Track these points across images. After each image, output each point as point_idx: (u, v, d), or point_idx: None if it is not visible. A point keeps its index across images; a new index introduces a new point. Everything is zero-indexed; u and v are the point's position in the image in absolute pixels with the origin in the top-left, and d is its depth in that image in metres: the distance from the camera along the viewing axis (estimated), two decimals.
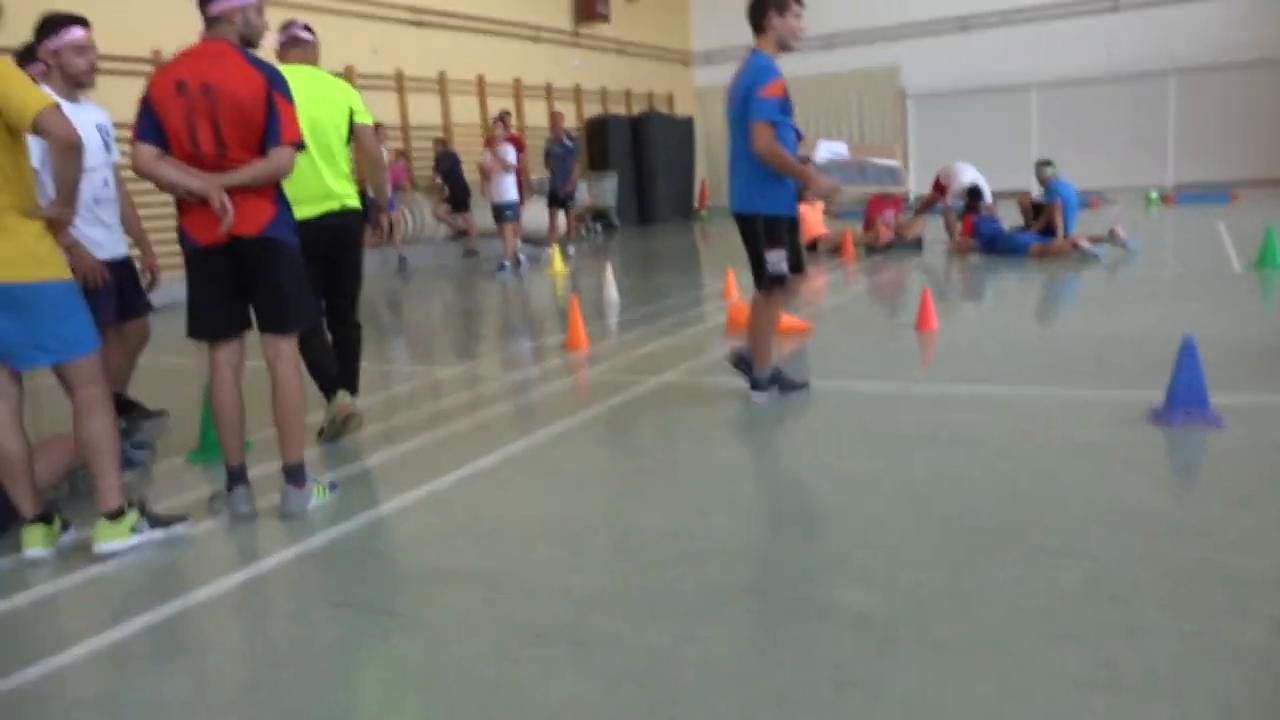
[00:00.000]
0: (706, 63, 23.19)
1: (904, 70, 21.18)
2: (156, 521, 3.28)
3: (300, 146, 3.39)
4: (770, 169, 4.36)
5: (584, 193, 16.94)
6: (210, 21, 3.35)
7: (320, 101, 4.25)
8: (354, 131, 4.45)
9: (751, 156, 4.37)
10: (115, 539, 3.15)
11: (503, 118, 12.41)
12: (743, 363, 4.76)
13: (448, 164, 13.94)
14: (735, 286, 8.37)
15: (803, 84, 21.93)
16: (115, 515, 3.16)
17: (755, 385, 4.68)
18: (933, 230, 11.69)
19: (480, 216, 13.59)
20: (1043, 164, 10.24)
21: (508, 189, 11.79)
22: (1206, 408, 3.84)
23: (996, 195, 16.55)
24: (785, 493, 3.42)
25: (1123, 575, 2.58)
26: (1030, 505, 3.15)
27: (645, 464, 3.92)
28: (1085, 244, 9.21)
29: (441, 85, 15.58)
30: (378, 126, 6.53)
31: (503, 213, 11.81)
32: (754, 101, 4.29)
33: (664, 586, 2.70)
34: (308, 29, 4.46)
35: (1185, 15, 18.46)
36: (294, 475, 3.50)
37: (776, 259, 4.50)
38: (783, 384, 4.70)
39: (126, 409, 4.64)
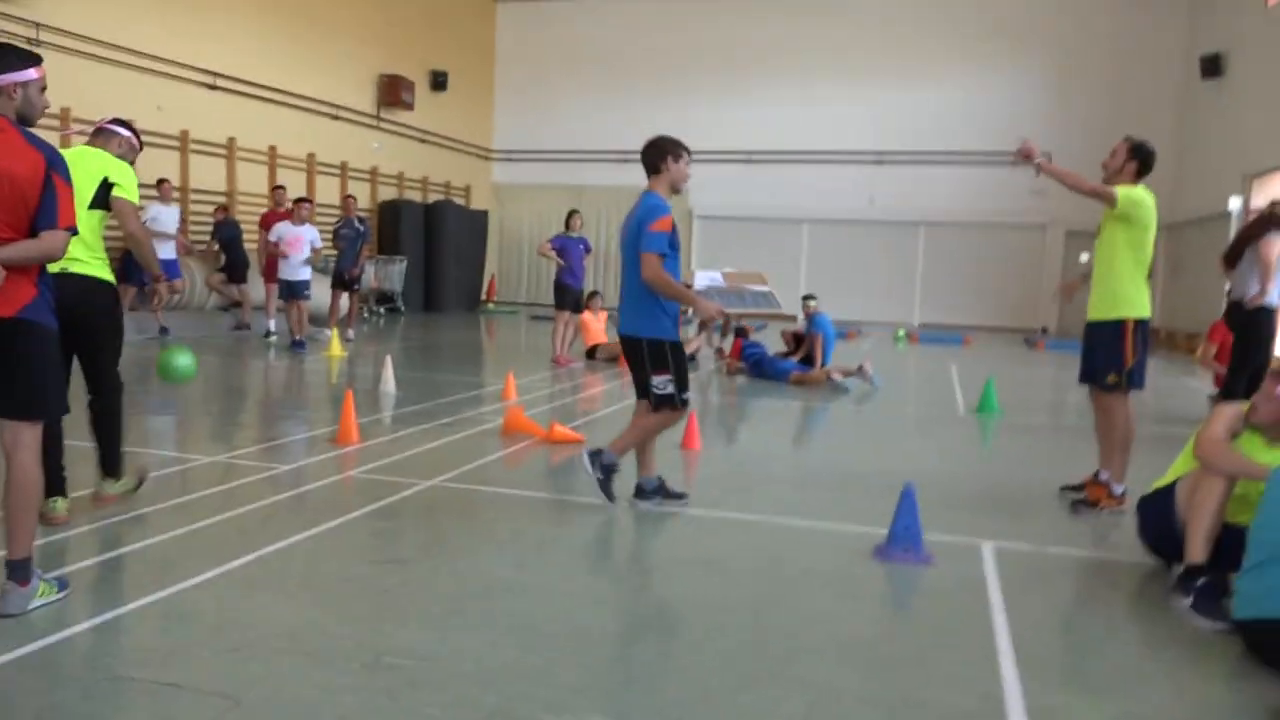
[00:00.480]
0: (507, 160, 23.70)
1: (692, 191, 22.50)
2: None
3: (74, 232, 3.27)
4: (658, 296, 4.76)
5: (371, 275, 16.73)
6: None
7: (72, 167, 4.16)
8: (112, 205, 4.37)
9: (641, 284, 4.77)
10: None
11: (278, 190, 12.68)
12: (595, 462, 5.00)
13: (228, 232, 13.44)
14: (514, 388, 8.51)
15: (597, 192, 22.91)
16: None
17: (596, 462, 4.97)
18: (707, 349, 12.37)
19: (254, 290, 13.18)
20: (807, 298, 11.15)
21: (305, 269, 11.78)
22: (919, 547, 4.31)
23: (765, 318, 17.70)
24: (541, 610, 3.52)
25: (840, 707, 2.85)
26: (769, 633, 3.41)
27: (407, 575, 3.91)
28: (838, 377, 10.07)
29: (230, 151, 15.08)
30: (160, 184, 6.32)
31: (300, 290, 11.70)
32: (645, 235, 4.71)
33: (412, 710, 2.71)
34: (125, 126, 4.47)
35: (937, 175, 20.76)
36: (19, 571, 3.26)
37: (662, 382, 4.86)
38: (665, 494, 5.07)
39: None
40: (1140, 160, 5.29)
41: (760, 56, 21.88)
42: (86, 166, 4.30)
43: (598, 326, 12.16)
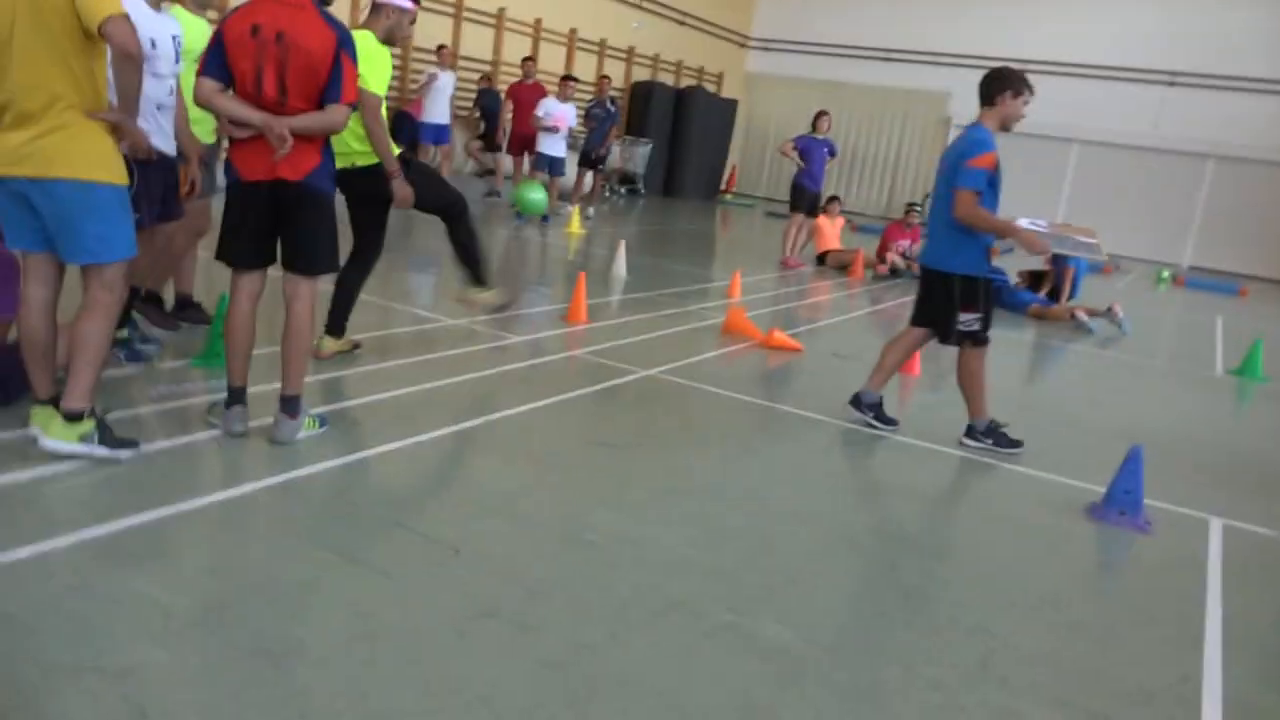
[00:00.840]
0: (764, 49, 23.19)
1: (953, 98, 21.24)
2: (106, 439, 3.32)
3: (354, 107, 3.59)
4: (969, 232, 4.65)
5: (616, 156, 17.07)
6: None
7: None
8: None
9: (952, 220, 4.65)
10: (62, 439, 3.27)
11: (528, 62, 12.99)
12: (860, 403, 5.05)
13: (488, 101, 14.04)
14: (739, 287, 8.59)
15: (853, 91, 22.06)
16: (73, 417, 3.28)
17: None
18: None
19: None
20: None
21: (564, 145, 12.17)
22: (1139, 514, 4.10)
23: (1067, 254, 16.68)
24: (736, 515, 3.67)
25: (1016, 661, 2.84)
26: (956, 574, 3.40)
27: (612, 460, 4.16)
28: (1083, 316, 9.44)
29: (499, 21, 15.62)
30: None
31: (560, 167, 12.21)
32: (963, 170, 4.58)
33: (606, 587, 2.95)
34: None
35: (1235, 103, 18.51)
36: (290, 406, 3.73)
37: (969, 319, 4.78)
38: (997, 439, 4.91)
39: (156, 304, 4.93)
40: None
41: None
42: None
43: (832, 232, 11.93)
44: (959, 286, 4.75)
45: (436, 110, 12.64)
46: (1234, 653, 3.06)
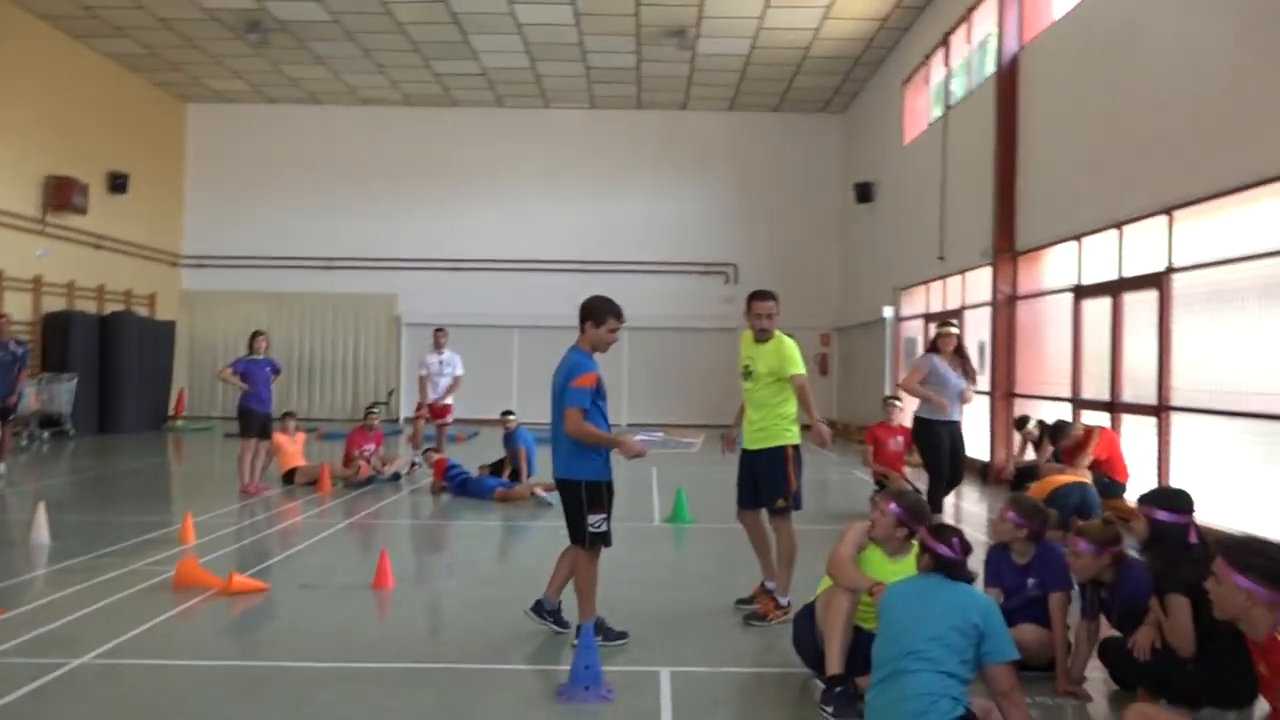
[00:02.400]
0: (198, 266, 22.37)
1: (401, 298, 22.31)
2: None
3: None
4: (584, 444, 5.07)
5: (31, 396, 15.01)
6: None
7: None
8: None
9: (566, 434, 5.06)
10: None
11: None
12: (542, 610, 5.40)
13: None
14: (193, 529, 7.92)
15: (302, 301, 22.12)
16: None
17: (539, 609, 5.41)
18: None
19: None
20: (506, 413, 11.37)
21: None
22: (600, 684, 4.45)
23: (479, 423, 17.66)
24: None
25: None
26: None
27: None
28: (540, 492, 10.21)
29: None
30: None
31: None
32: (569, 391, 5.05)
33: None
34: None
35: (634, 284, 21.72)
36: None
37: (598, 521, 5.16)
38: (605, 633, 5.19)
39: None
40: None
41: (462, 168, 22.36)
42: None
43: (294, 449, 11.61)
44: (586, 492, 5.13)
45: None
46: None
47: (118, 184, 19.29)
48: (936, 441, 8.33)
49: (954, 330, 8.63)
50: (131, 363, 18.33)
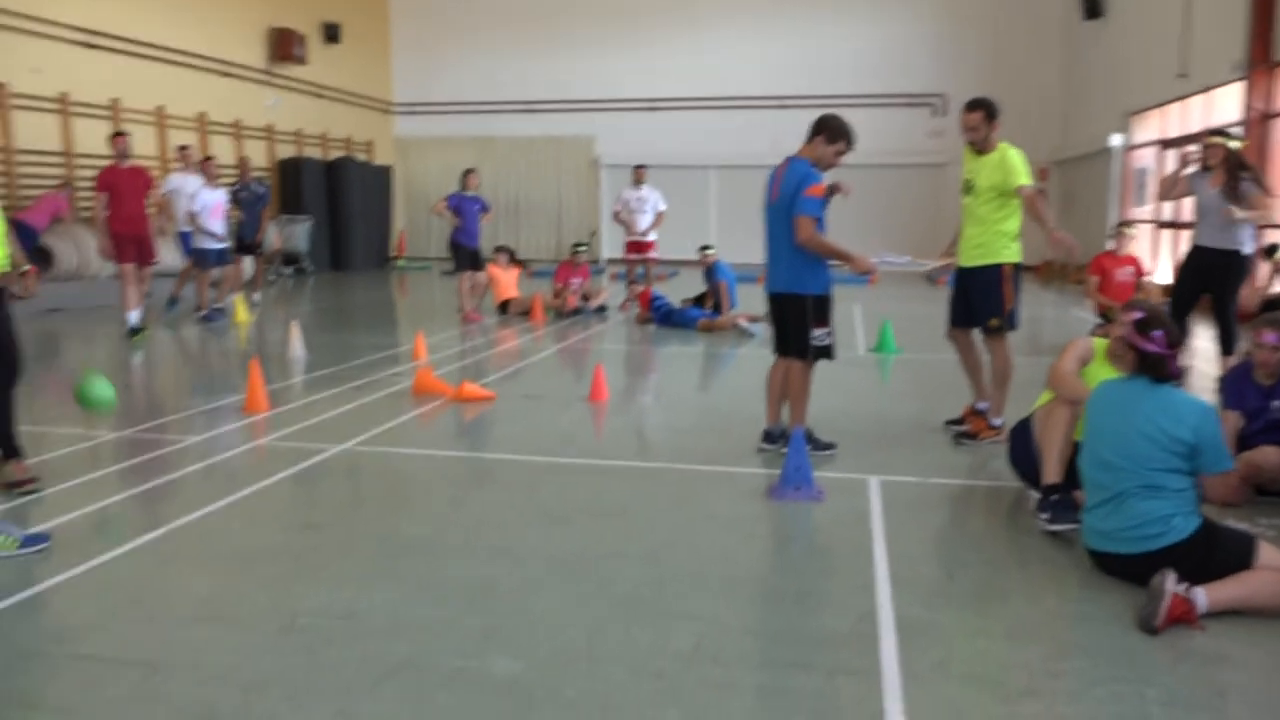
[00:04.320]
0: (409, 113, 23.26)
1: (598, 141, 22.49)
2: None
3: None
4: (812, 256, 5.05)
5: (273, 236, 16.39)
6: None
7: None
8: None
9: (793, 246, 5.03)
10: None
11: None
12: (771, 438, 5.39)
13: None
14: (424, 348, 8.57)
15: (504, 145, 22.70)
16: None
17: (769, 438, 5.42)
18: (615, 297, 12.55)
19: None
20: (705, 248, 11.40)
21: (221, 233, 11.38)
22: (811, 485, 4.60)
23: (678, 264, 17.89)
24: (450, 565, 3.70)
25: (725, 638, 3.10)
26: (665, 573, 3.65)
27: (318, 539, 4.04)
28: (744, 323, 10.34)
29: (114, 112, 14.53)
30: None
31: (228, 256, 11.48)
32: (801, 199, 4.97)
33: (327, 666, 2.88)
34: None
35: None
36: None
37: (822, 334, 5.18)
38: (814, 443, 5.24)
39: None
40: (993, 115, 5.57)
41: (657, 6, 21.83)
42: None
43: (508, 280, 12.20)
44: (812, 305, 5.15)
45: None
46: (901, 583, 3.53)
47: (331, 34, 20.13)
48: (1182, 266, 7.57)
49: (1222, 141, 7.45)
50: (356, 205, 19.58)
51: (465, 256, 11.46)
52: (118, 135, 10.24)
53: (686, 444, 5.69)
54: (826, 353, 5.29)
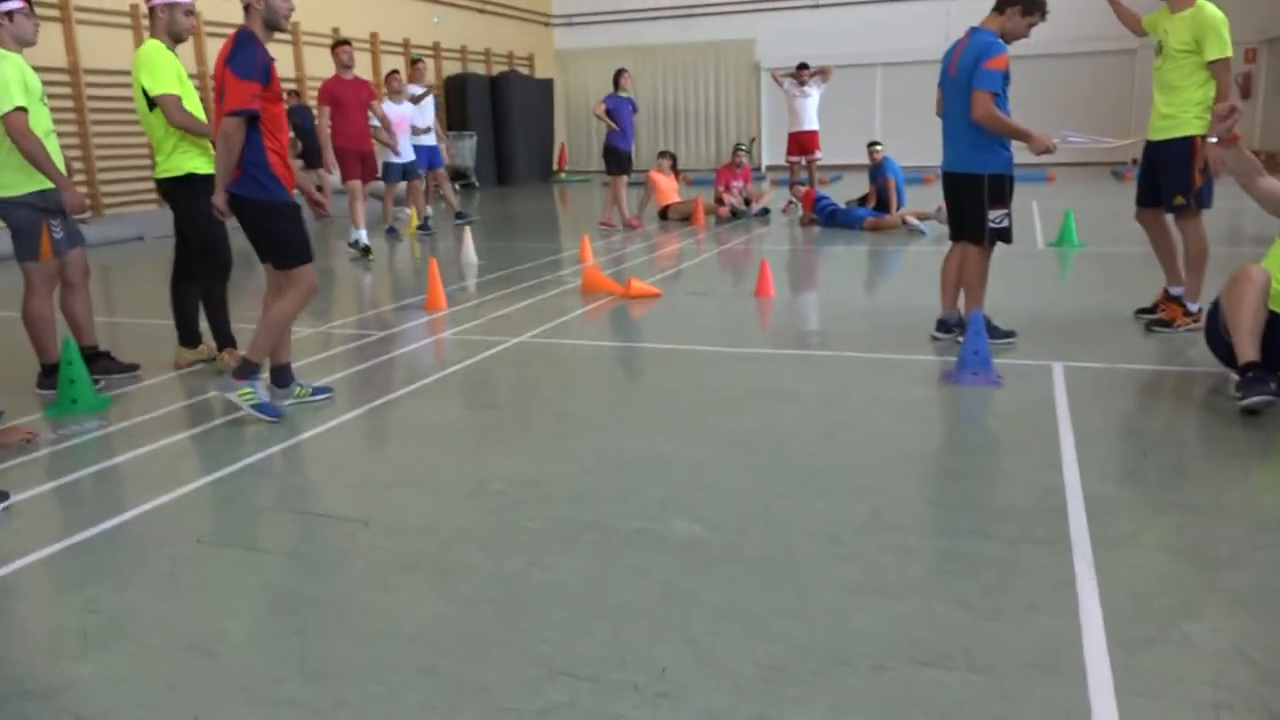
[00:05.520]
0: (567, 25, 23.27)
1: (758, 44, 21.88)
2: None
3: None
4: (988, 132, 4.78)
5: (444, 149, 16.85)
6: None
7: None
8: (153, 102, 4.85)
9: (970, 123, 4.80)
10: None
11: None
12: (946, 327, 5.26)
13: (300, 118, 13.65)
14: (590, 251, 8.72)
15: (662, 52, 22.43)
16: None
17: (943, 327, 5.27)
18: (777, 201, 12.34)
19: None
20: (873, 144, 10.99)
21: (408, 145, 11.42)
22: (990, 371, 4.45)
23: (841, 169, 17.40)
24: (627, 443, 3.81)
25: (902, 508, 3.09)
26: (838, 452, 3.65)
27: (501, 418, 4.24)
28: (913, 220, 9.99)
29: (295, 35, 15.20)
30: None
31: (417, 168, 11.55)
32: (981, 72, 4.70)
33: (517, 524, 3.05)
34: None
35: None
36: (239, 370, 4.23)
37: (999, 216, 4.94)
38: (993, 331, 5.02)
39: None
40: None
41: None
42: (135, 73, 4.90)
43: (669, 186, 12.18)
44: (988, 186, 4.92)
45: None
46: (1088, 462, 3.40)
47: None
48: None
49: None
50: (519, 120, 19.87)
51: (622, 159, 11.46)
52: (340, 44, 9.87)
53: (856, 334, 5.60)
54: (1004, 235, 5.04)
